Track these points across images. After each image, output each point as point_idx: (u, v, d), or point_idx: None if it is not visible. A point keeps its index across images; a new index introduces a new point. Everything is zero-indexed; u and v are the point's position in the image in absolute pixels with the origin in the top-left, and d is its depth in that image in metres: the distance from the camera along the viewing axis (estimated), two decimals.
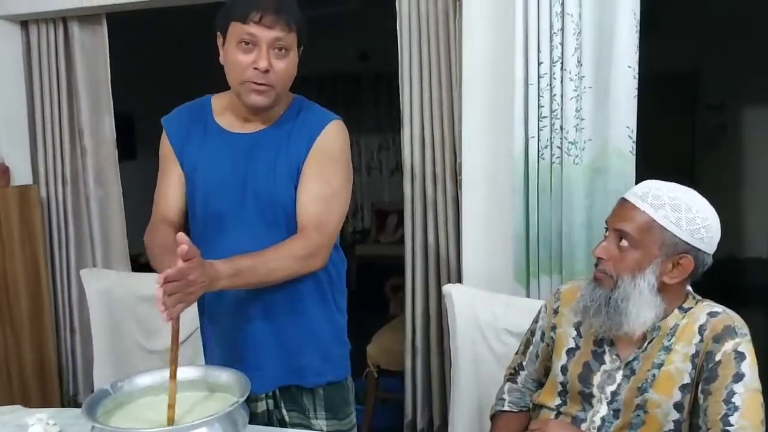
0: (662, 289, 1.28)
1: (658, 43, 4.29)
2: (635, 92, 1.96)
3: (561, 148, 2.05)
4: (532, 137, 2.07)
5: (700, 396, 1.23)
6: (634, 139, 1.98)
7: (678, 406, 1.26)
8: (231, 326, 1.46)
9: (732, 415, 1.18)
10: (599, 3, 1.98)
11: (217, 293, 1.42)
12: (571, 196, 2.03)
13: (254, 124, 1.44)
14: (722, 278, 3.54)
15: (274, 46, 1.33)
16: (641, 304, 1.25)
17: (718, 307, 1.31)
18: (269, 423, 1.48)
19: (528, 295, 2.10)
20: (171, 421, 1.16)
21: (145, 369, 1.31)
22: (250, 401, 1.45)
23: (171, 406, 1.17)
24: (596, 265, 1.32)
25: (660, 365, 1.28)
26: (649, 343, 1.31)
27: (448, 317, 1.79)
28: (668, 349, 1.29)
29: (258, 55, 1.32)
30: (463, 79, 2.26)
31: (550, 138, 2.06)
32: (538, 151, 2.08)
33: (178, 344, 1.18)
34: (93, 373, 2.12)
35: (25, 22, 2.89)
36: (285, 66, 1.36)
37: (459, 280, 2.38)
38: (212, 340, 1.53)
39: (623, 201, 1.32)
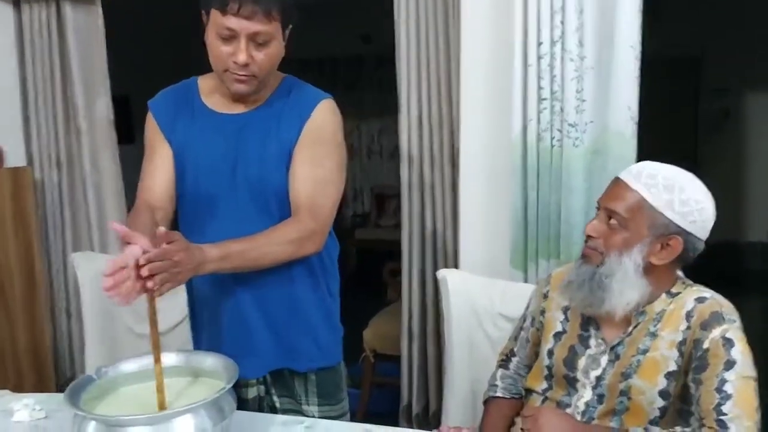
0: (649, 270, 1.26)
1: (663, 26, 4.23)
2: (637, 72, 1.92)
3: (561, 131, 2.01)
4: (531, 120, 2.03)
5: (692, 385, 1.20)
6: (636, 120, 1.94)
7: (663, 394, 1.24)
8: (221, 310, 1.43)
9: (725, 404, 1.15)
10: None
11: (207, 277, 1.40)
12: (570, 180, 2.00)
13: (243, 104, 1.40)
14: (722, 263, 3.51)
15: (254, 39, 1.28)
16: (625, 283, 1.23)
17: (707, 293, 1.28)
18: (260, 409, 1.46)
19: (526, 280, 2.07)
20: (162, 405, 1.14)
21: (134, 353, 1.28)
22: (240, 387, 1.44)
23: (160, 390, 1.14)
24: (586, 242, 1.31)
25: (645, 351, 1.26)
26: (634, 327, 1.28)
27: (443, 302, 1.76)
28: (654, 335, 1.26)
29: (237, 47, 1.27)
30: (461, 60, 2.22)
31: (551, 120, 2.02)
32: (538, 134, 2.04)
33: (157, 327, 1.15)
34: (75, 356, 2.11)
35: (17, 2, 2.84)
36: (266, 56, 1.31)
37: (456, 265, 2.36)
38: (202, 324, 1.51)
39: (617, 180, 1.30)
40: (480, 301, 1.71)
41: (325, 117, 1.39)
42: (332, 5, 4.89)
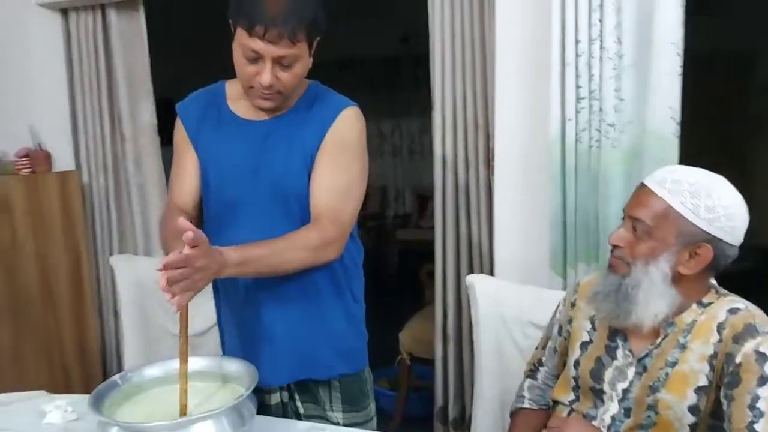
0: (678, 280, 1.20)
1: (708, 22, 4.06)
2: (679, 70, 1.84)
3: (600, 131, 1.95)
4: (569, 120, 1.98)
5: (724, 401, 1.14)
6: (678, 120, 1.86)
7: (693, 410, 1.18)
8: (244, 316, 1.44)
9: (758, 421, 1.08)
10: None
11: (231, 283, 1.41)
12: (609, 182, 1.93)
13: (268, 111, 1.40)
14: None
15: (278, 62, 1.27)
16: (652, 294, 1.18)
17: (740, 303, 1.21)
18: (284, 415, 1.46)
19: (566, 286, 2.02)
20: (184, 408, 1.16)
21: (170, 354, 1.29)
22: (263, 393, 1.45)
23: (184, 392, 1.16)
24: (612, 251, 1.26)
25: (674, 364, 1.20)
26: (663, 339, 1.23)
27: (471, 308, 1.73)
28: (683, 347, 1.20)
29: (262, 68, 1.27)
30: (496, 60, 2.17)
31: (589, 120, 1.96)
32: (576, 135, 1.98)
33: (187, 332, 1.17)
34: (123, 357, 2.16)
35: (65, 10, 2.92)
36: (290, 76, 1.30)
37: (492, 269, 2.31)
38: (227, 331, 1.52)
39: (641, 186, 1.24)
40: (509, 308, 1.67)
41: (348, 124, 1.38)
42: (371, 5, 4.89)
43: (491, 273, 2.33)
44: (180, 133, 1.46)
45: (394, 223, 6.38)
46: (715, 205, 1.16)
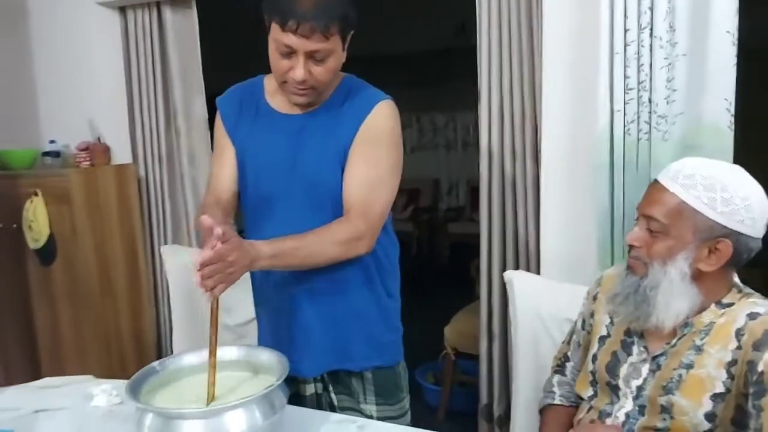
0: (698, 277, 1.15)
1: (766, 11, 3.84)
2: (734, 60, 1.76)
3: (649, 123, 1.88)
4: (618, 111, 1.92)
5: (752, 412, 1.08)
6: (733, 112, 1.78)
7: (709, 416, 1.13)
8: (278, 308, 1.46)
9: None
10: None
11: (264, 276, 1.43)
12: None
13: (302, 106, 1.41)
14: None
15: (311, 57, 1.28)
16: (671, 294, 1.14)
17: (761, 306, 1.14)
18: (318, 406, 1.47)
19: None
20: (211, 398, 1.19)
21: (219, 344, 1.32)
22: (298, 383, 1.46)
23: (212, 384, 1.19)
24: (629, 252, 1.21)
25: (689, 366, 1.15)
26: (679, 339, 1.18)
27: (509, 305, 1.70)
28: (699, 350, 1.15)
29: (295, 62, 1.27)
30: (544, 50, 2.12)
31: (638, 112, 1.90)
32: (624, 126, 1.92)
33: (217, 324, 1.19)
34: (173, 345, 2.22)
35: (123, 8, 3.02)
36: (324, 71, 1.30)
37: (538, 264, 2.27)
38: (263, 322, 1.55)
39: (655, 182, 1.19)
40: (546, 305, 1.63)
41: (382, 118, 1.37)
42: None
43: (537, 269, 2.28)
44: (219, 125, 1.49)
45: (446, 216, 6.35)
46: (732, 197, 1.10)
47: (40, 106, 3.16)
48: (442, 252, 6.03)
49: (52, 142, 3.01)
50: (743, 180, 1.14)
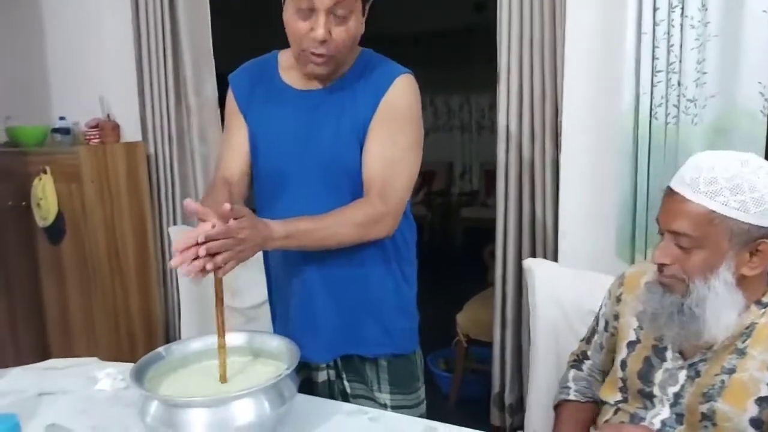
0: (741, 282, 1.07)
1: None
2: None
3: (678, 107, 1.81)
4: (644, 93, 1.84)
5: None
6: (767, 96, 1.69)
7: (755, 423, 1.06)
8: (290, 290, 1.41)
9: None
10: None
11: (277, 256, 1.39)
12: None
13: (320, 80, 1.35)
14: None
15: (332, 12, 1.22)
16: (720, 307, 1.06)
17: None
18: (330, 393, 1.42)
19: None
20: (223, 378, 1.16)
21: (228, 328, 1.28)
22: (311, 369, 1.42)
23: (222, 363, 1.15)
24: (660, 270, 1.12)
25: (731, 371, 1.09)
26: (718, 343, 1.11)
27: (528, 294, 1.64)
28: (742, 353, 1.08)
29: (315, 22, 1.22)
30: (566, 27, 2.05)
31: (666, 94, 1.82)
32: (651, 109, 1.84)
33: (222, 303, 1.16)
34: (181, 327, 2.19)
35: None
36: (345, 32, 1.24)
37: (555, 251, 2.21)
38: (275, 303, 1.50)
39: (671, 193, 1.09)
40: (567, 295, 1.57)
41: (401, 93, 1.31)
42: None
43: (555, 257, 2.22)
44: (231, 103, 1.43)
45: (459, 201, 6.28)
46: (763, 195, 1.03)
47: (50, 83, 3.12)
48: (455, 237, 5.97)
49: (62, 119, 2.97)
50: (766, 171, 1.06)
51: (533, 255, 2.31)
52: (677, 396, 1.15)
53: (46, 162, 2.77)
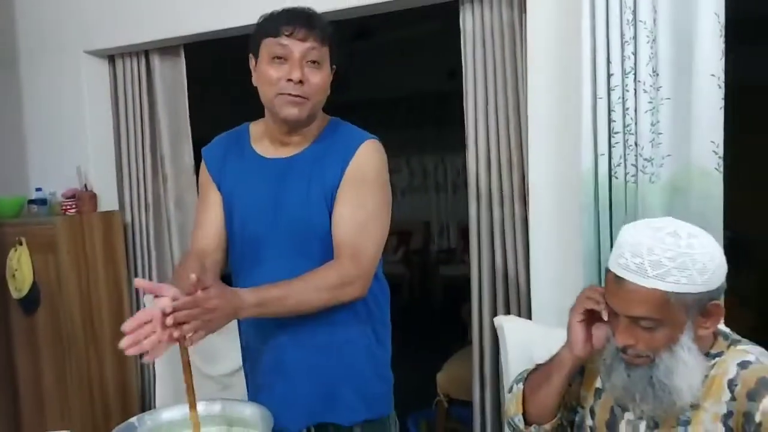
0: (696, 341, 1.12)
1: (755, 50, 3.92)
2: (721, 103, 1.77)
3: (636, 166, 1.89)
4: (602, 154, 1.92)
5: None
6: (721, 155, 1.79)
7: None
8: (263, 355, 1.43)
9: None
10: (675, 8, 1.82)
11: (249, 321, 1.41)
12: (647, 217, 1.85)
13: (288, 148, 1.41)
14: None
15: (306, 59, 1.31)
16: (689, 374, 1.10)
17: (751, 354, 1.12)
18: None
19: None
20: None
21: (201, 394, 1.28)
22: None
23: None
24: (624, 351, 1.15)
25: (686, 423, 1.13)
26: None
27: (501, 350, 1.66)
28: (695, 406, 1.12)
29: (291, 67, 1.30)
30: (528, 94, 2.15)
31: (624, 155, 1.90)
32: (610, 169, 1.93)
33: (191, 373, 1.16)
34: (155, 395, 2.16)
35: (112, 57, 3.05)
36: (318, 79, 1.33)
37: (529, 307, 2.24)
38: (248, 369, 1.51)
39: (618, 280, 1.13)
40: (539, 351, 1.58)
41: (367, 158, 1.37)
42: (420, 43, 4.93)
43: (529, 312, 2.26)
44: (204, 174, 1.48)
45: (437, 259, 6.32)
46: (705, 266, 1.08)
47: (27, 153, 3.14)
48: (434, 295, 5.98)
49: (38, 189, 2.99)
50: (700, 242, 1.10)
51: (508, 312, 2.34)
52: None
53: (21, 233, 2.77)
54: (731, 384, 1.10)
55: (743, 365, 1.11)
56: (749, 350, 1.14)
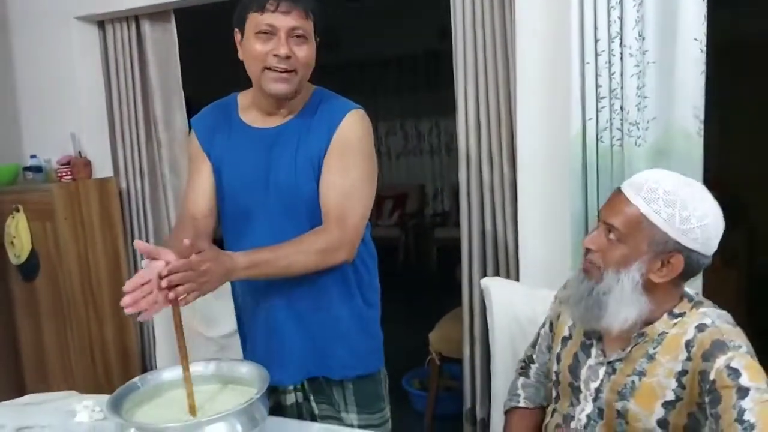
0: (650, 288, 1.19)
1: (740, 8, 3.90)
2: (703, 68, 1.81)
3: (621, 130, 1.93)
4: (590, 119, 1.96)
5: (711, 420, 1.11)
6: (702, 119, 1.83)
7: (662, 423, 1.17)
8: (257, 317, 1.49)
9: None
10: None
11: (243, 285, 1.46)
12: None
13: (276, 118, 1.44)
14: None
15: (292, 34, 1.34)
16: (622, 301, 1.17)
17: (708, 318, 1.18)
18: (299, 415, 1.49)
19: None
20: (192, 409, 1.20)
21: (201, 355, 1.33)
22: (279, 393, 1.49)
23: (190, 395, 1.21)
24: (586, 254, 1.25)
25: (641, 374, 1.20)
26: (633, 346, 1.22)
27: (487, 311, 1.73)
28: (651, 358, 1.20)
29: (277, 42, 1.33)
30: (517, 59, 2.17)
31: (610, 119, 1.94)
32: (597, 133, 1.96)
33: (183, 334, 1.21)
34: (156, 357, 2.23)
35: (101, 22, 3.04)
36: (305, 53, 1.36)
37: (517, 268, 2.30)
38: (243, 331, 1.57)
39: (618, 191, 1.22)
40: (524, 311, 1.66)
41: (352, 127, 1.40)
42: (407, 3, 4.89)
43: (517, 273, 2.32)
44: (194, 144, 1.51)
45: (432, 222, 6.38)
46: (690, 216, 1.14)
47: (21, 121, 3.15)
48: (429, 257, 6.05)
49: (33, 157, 3.01)
50: (704, 200, 1.16)
51: (497, 273, 2.41)
52: (597, 391, 1.25)
53: (18, 200, 2.81)
54: (688, 345, 1.16)
55: (700, 328, 1.17)
56: (708, 313, 1.19)
